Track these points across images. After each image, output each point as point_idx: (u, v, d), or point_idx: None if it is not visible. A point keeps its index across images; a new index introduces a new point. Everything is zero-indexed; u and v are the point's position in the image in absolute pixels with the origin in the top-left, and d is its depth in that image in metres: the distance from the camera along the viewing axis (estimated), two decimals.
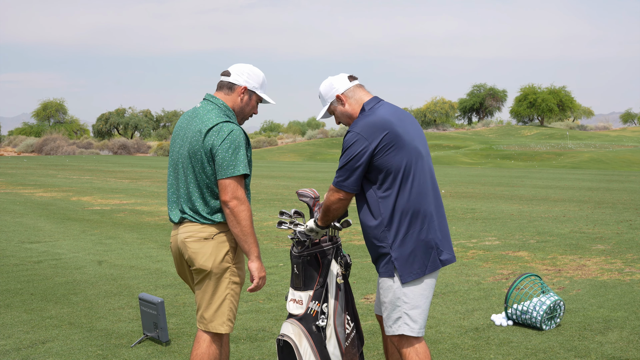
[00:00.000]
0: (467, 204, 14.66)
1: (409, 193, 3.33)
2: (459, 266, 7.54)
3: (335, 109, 3.54)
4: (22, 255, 8.51)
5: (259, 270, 3.41)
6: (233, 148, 3.29)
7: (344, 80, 3.52)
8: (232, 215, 3.30)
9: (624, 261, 7.67)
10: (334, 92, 3.50)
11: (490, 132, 66.16)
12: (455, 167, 35.23)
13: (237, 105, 3.51)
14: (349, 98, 3.49)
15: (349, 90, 3.50)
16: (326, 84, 3.54)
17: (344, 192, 3.35)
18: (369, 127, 3.32)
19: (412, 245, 3.30)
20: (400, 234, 3.30)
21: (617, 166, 33.85)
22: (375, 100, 3.47)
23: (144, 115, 78.68)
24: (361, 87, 3.54)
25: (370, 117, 3.37)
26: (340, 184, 3.33)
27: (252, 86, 3.51)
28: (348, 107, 3.49)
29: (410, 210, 3.31)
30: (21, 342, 4.95)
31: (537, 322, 5.05)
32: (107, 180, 23.51)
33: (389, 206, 3.30)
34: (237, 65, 3.55)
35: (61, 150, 56.73)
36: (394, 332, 3.37)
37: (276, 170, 31.04)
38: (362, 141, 3.28)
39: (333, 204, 3.39)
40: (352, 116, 3.49)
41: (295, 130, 78.47)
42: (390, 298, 3.34)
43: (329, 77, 3.58)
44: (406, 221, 3.30)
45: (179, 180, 3.45)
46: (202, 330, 3.47)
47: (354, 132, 3.33)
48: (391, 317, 3.36)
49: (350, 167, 3.30)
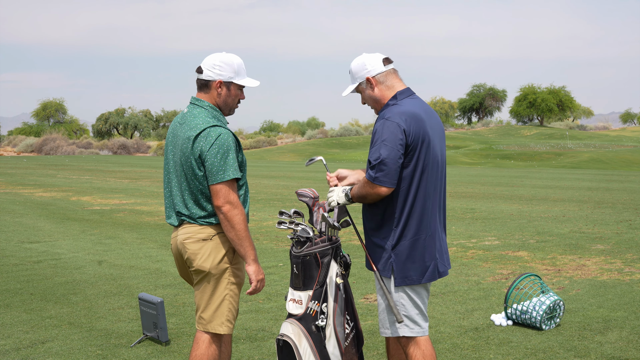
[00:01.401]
0: (466, 203, 14.66)
1: (429, 198, 3.26)
2: (459, 266, 7.54)
3: (363, 91, 3.39)
4: (22, 255, 8.51)
5: (256, 273, 3.40)
6: (222, 153, 3.25)
7: (378, 63, 3.35)
8: (225, 220, 3.29)
9: (624, 261, 7.67)
10: (364, 74, 3.35)
11: (490, 132, 66.15)
12: (455, 167, 35.23)
13: (219, 100, 3.42)
14: (380, 83, 3.34)
15: (381, 74, 3.35)
16: (359, 61, 3.38)
17: (385, 188, 3.15)
18: (408, 118, 3.18)
19: (415, 250, 3.26)
20: (406, 237, 3.24)
21: (616, 166, 33.85)
22: (409, 92, 3.35)
23: (144, 115, 78.67)
24: (394, 73, 3.38)
25: (406, 108, 3.23)
26: (381, 181, 3.13)
27: (227, 77, 3.38)
28: (377, 91, 3.35)
29: (420, 215, 3.25)
30: (21, 342, 4.95)
31: (536, 322, 5.05)
32: (107, 180, 23.51)
33: (403, 206, 3.23)
34: (207, 58, 3.42)
35: (61, 150, 56.71)
36: (392, 334, 3.36)
37: (276, 170, 31.03)
38: (401, 132, 3.14)
39: (370, 195, 3.21)
40: (380, 101, 3.35)
41: (295, 130, 78.46)
42: (388, 301, 3.33)
43: (363, 53, 3.42)
44: (414, 225, 3.24)
45: (173, 186, 3.44)
46: (201, 330, 3.46)
47: (394, 122, 3.16)
48: (388, 319, 3.36)
49: (394, 159, 3.12)
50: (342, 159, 44.50)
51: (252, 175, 25.63)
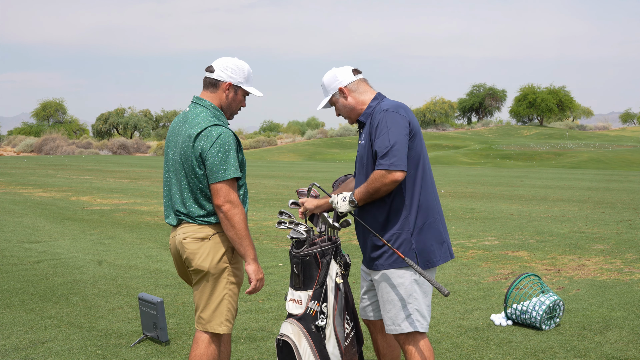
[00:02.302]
0: (466, 203, 14.66)
1: (429, 183, 3.41)
2: (459, 266, 7.54)
3: (337, 101, 3.52)
4: (22, 255, 8.51)
5: (255, 272, 3.40)
6: (222, 152, 3.27)
7: (348, 73, 3.49)
8: (225, 219, 3.30)
9: (623, 261, 7.68)
10: (337, 85, 3.48)
11: (490, 132, 66.16)
12: (454, 167, 35.23)
13: (224, 102, 3.46)
14: (352, 92, 3.47)
15: (352, 83, 3.48)
16: (330, 75, 3.51)
17: (401, 172, 3.21)
18: (405, 108, 3.34)
19: (432, 233, 3.37)
20: (419, 222, 3.33)
21: (616, 166, 33.85)
22: (383, 96, 3.48)
23: (144, 115, 78.68)
24: (364, 82, 3.52)
25: (395, 101, 3.38)
26: (397, 165, 3.19)
27: (237, 81, 3.44)
28: (351, 99, 3.47)
29: (427, 200, 3.37)
30: (20, 342, 4.95)
31: (536, 322, 5.05)
32: (107, 180, 23.51)
33: (412, 193, 3.33)
34: (220, 60, 3.47)
35: (60, 150, 56.70)
36: (404, 329, 3.36)
37: (275, 170, 31.04)
38: (404, 118, 3.27)
39: (385, 186, 3.23)
40: (355, 108, 3.47)
41: (295, 130, 78.48)
42: (401, 295, 3.33)
43: (333, 68, 3.55)
44: (425, 210, 3.35)
45: (172, 185, 3.45)
46: (201, 330, 3.46)
47: (395, 112, 3.28)
48: (400, 314, 3.35)
49: (403, 143, 3.22)
50: (342, 158, 44.51)
51: (252, 175, 25.64)
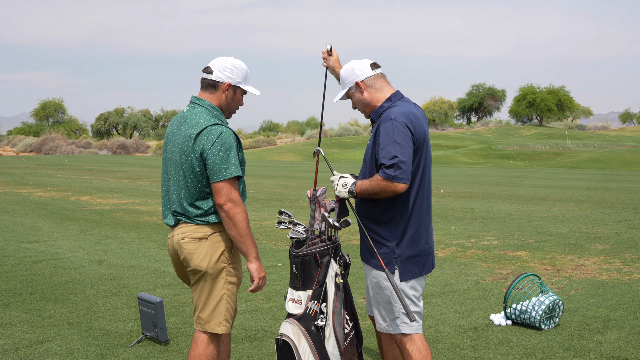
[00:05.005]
0: (466, 203, 14.66)
1: (425, 196, 3.38)
2: (458, 266, 7.54)
3: (353, 95, 3.48)
4: (21, 255, 8.50)
5: (258, 270, 3.41)
6: (223, 151, 3.28)
7: (366, 67, 3.44)
8: (227, 217, 3.30)
9: (623, 261, 7.68)
10: (353, 78, 3.44)
11: (489, 131, 66.16)
12: (454, 167, 35.23)
13: (223, 102, 3.47)
14: (368, 87, 3.43)
15: (369, 78, 3.43)
16: (347, 67, 3.47)
17: (404, 185, 3.16)
18: (412, 119, 3.28)
19: (417, 245, 3.35)
20: (408, 234, 3.32)
21: (616, 166, 33.86)
22: (400, 95, 3.44)
23: (143, 114, 78.66)
24: (382, 77, 3.47)
25: (406, 109, 3.32)
26: (400, 178, 3.15)
27: (235, 81, 3.45)
28: (367, 94, 3.43)
29: (419, 212, 3.35)
30: (20, 341, 4.94)
31: (536, 321, 5.05)
32: (106, 180, 23.50)
33: (406, 203, 3.31)
34: (217, 60, 3.47)
35: (60, 150, 56.68)
36: (390, 330, 3.40)
37: (275, 170, 31.02)
38: (410, 132, 3.23)
39: (385, 193, 3.20)
40: (370, 104, 3.44)
41: (294, 130, 78.44)
42: (387, 297, 3.36)
43: (352, 60, 3.52)
44: (415, 222, 3.34)
45: (171, 184, 3.45)
46: (200, 330, 3.47)
47: (402, 122, 3.23)
48: (388, 315, 3.39)
49: (408, 156, 3.17)
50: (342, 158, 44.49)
51: (252, 175, 25.63)
